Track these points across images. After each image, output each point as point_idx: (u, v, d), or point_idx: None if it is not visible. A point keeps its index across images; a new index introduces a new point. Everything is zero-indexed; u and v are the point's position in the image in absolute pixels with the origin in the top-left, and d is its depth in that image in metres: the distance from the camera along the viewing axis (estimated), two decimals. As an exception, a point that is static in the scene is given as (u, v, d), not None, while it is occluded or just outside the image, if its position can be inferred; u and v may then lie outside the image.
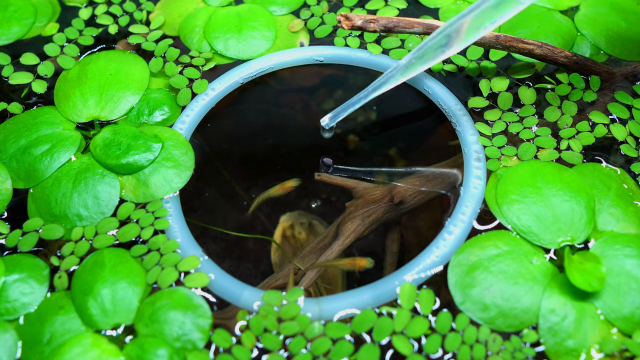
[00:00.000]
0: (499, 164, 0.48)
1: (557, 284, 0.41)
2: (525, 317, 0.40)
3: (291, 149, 0.52)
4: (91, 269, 0.43)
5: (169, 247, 0.44)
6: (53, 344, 0.40)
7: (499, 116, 0.51)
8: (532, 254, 0.43)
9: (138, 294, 0.41)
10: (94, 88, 0.52)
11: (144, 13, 0.60)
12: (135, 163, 0.47)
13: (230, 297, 0.42)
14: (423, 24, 0.49)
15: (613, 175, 0.47)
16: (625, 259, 0.42)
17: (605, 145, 0.49)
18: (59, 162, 0.48)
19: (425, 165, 0.50)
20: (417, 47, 0.45)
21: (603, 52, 0.55)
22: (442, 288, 0.42)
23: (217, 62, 0.56)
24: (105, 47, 0.57)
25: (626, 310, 0.40)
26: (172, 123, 0.51)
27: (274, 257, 0.46)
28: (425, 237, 0.45)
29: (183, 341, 0.39)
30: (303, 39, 0.57)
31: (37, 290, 0.42)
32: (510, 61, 0.55)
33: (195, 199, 0.48)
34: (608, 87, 0.52)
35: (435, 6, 0.59)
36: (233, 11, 0.59)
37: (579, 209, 0.44)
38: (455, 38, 0.43)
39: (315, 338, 0.40)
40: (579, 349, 0.39)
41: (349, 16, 0.48)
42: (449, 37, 0.43)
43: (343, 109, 0.49)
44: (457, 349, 0.39)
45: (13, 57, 0.56)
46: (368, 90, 0.47)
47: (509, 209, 0.44)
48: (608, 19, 0.56)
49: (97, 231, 0.45)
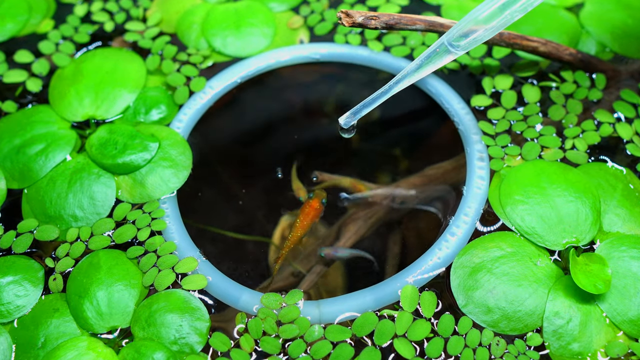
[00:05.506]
0: (503, 163, 0.47)
1: (561, 286, 0.41)
2: (530, 320, 0.40)
3: (291, 148, 0.52)
4: (87, 270, 0.42)
5: (166, 249, 0.43)
6: (48, 348, 0.39)
7: (503, 115, 0.50)
8: (536, 256, 0.42)
9: (134, 296, 0.41)
10: (90, 86, 0.51)
11: (140, 10, 0.59)
12: (132, 163, 0.46)
13: (228, 300, 0.42)
14: (425, 20, 0.48)
15: (619, 175, 0.46)
16: (631, 261, 0.41)
17: (610, 144, 0.49)
18: (54, 162, 0.47)
19: (427, 164, 0.49)
20: (442, 38, 0.43)
21: (609, 50, 0.54)
22: (445, 290, 0.42)
23: (215, 60, 0.55)
24: (101, 44, 0.57)
25: (632, 313, 0.40)
26: (169, 122, 0.51)
27: (273, 260, 0.45)
28: (428, 238, 0.44)
29: (180, 344, 0.39)
30: (303, 36, 0.57)
31: (31, 292, 0.42)
32: (514, 59, 0.54)
33: (192, 199, 0.47)
34: (614, 85, 0.52)
35: (438, 3, 0.59)
36: (231, 8, 0.58)
37: (584, 209, 0.43)
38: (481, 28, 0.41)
39: (315, 341, 0.39)
40: (584, 352, 0.39)
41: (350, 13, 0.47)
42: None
43: (364, 105, 0.44)
44: (460, 353, 0.39)
45: (7, 54, 0.56)
46: (390, 84, 0.43)
47: (513, 209, 0.44)
48: (614, 16, 0.56)
49: (92, 232, 0.44)
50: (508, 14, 0.42)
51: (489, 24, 0.42)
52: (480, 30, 0.42)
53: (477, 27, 0.42)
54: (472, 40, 0.42)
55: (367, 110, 0.44)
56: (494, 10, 0.42)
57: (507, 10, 0.42)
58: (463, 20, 0.42)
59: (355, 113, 0.44)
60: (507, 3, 0.42)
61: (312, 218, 0.45)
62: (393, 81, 0.43)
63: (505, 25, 0.42)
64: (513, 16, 0.42)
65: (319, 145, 0.52)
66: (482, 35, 0.42)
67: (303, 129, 0.53)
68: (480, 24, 0.42)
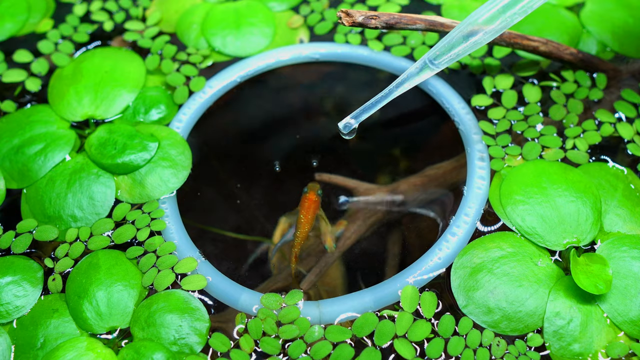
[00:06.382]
0: (503, 163, 0.47)
1: (562, 287, 0.40)
2: (530, 321, 0.40)
3: (291, 147, 0.51)
4: (86, 271, 0.42)
5: (165, 249, 0.43)
6: (47, 348, 0.39)
7: (503, 115, 0.50)
8: (537, 256, 0.42)
9: (134, 296, 0.41)
10: (89, 86, 0.51)
11: (140, 9, 0.59)
12: (131, 163, 0.46)
13: (228, 300, 0.41)
14: (425, 20, 0.48)
15: (620, 175, 0.46)
16: (632, 261, 0.41)
17: (611, 144, 0.49)
18: (53, 162, 0.47)
19: (427, 164, 0.49)
20: (443, 39, 0.43)
21: (609, 49, 0.54)
22: (445, 291, 0.41)
23: (214, 60, 0.55)
24: (100, 44, 0.57)
25: (633, 314, 0.40)
26: (168, 122, 0.50)
27: (273, 260, 0.45)
28: (428, 238, 0.44)
29: (180, 345, 0.39)
30: (303, 35, 0.57)
31: (30, 292, 0.42)
32: (515, 58, 0.54)
33: (192, 199, 0.47)
34: (614, 85, 0.52)
35: (438, 2, 0.59)
36: (231, 7, 0.58)
37: (585, 209, 0.43)
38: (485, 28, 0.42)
39: (315, 342, 0.39)
40: (585, 353, 0.39)
41: (350, 12, 0.47)
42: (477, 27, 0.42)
43: (364, 109, 0.44)
44: (460, 353, 0.39)
45: (6, 54, 0.56)
46: (390, 88, 0.44)
47: (513, 209, 0.44)
48: (615, 15, 0.55)
49: (92, 232, 0.44)
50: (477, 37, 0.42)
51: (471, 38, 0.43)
52: (459, 47, 0.43)
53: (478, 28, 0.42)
54: (451, 57, 0.43)
55: (367, 114, 0.44)
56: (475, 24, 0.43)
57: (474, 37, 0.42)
58: (447, 36, 0.43)
59: (356, 117, 0.44)
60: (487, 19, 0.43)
61: (313, 211, 0.45)
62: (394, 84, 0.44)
63: (481, 44, 0.43)
64: (482, 40, 0.42)
65: (318, 145, 0.52)
66: (461, 49, 0.43)
67: (303, 129, 0.53)
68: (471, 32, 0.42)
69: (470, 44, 0.42)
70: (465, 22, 0.43)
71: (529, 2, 0.42)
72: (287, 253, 0.45)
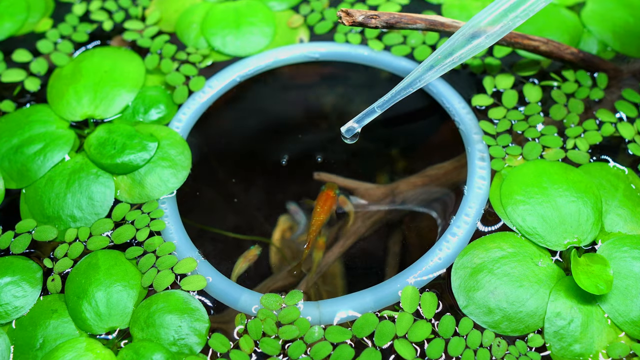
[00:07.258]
0: (504, 163, 0.47)
1: (563, 287, 0.40)
2: (531, 321, 0.40)
3: (290, 147, 0.51)
4: (85, 271, 0.42)
5: (165, 249, 0.43)
6: (46, 349, 0.39)
7: (504, 114, 0.50)
8: (537, 256, 0.42)
9: (133, 297, 0.41)
10: (88, 86, 0.51)
11: (139, 9, 0.59)
12: (131, 163, 0.46)
13: (228, 301, 0.41)
14: (426, 19, 0.48)
15: (621, 175, 0.46)
16: (633, 261, 0.41)
17: (612, 144, 0.48)
18: (52, 162, 0.47)
19: (428, 164, 0.49)
20: (445, 43, 0.43)
21: (610, 49, 0.54)
22: (445, 291, 0.41)
23: (214, 59, 0.55)
24: (100, 43, 0.56)
25: (634, 314, 0.40)
26: (168, 121, 0.50)
27: (272, 260, 0.45)
28: (428, 238, 0.44)
29: (179, 345, 0.39)
30: (303, 35, 0.56)
31: (29, 293, 0.41)
32: (515, 58, 0.54)
33: (192, 199, 0.47)
34: (615, 85, 0.52)
35: (438, 2, 0.58)
36: (231, 7, 0.58)
37: (586, 209, 0.43)
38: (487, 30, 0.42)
39: (315, 342, 0.39)
40: (586, 353, 0.39)
41: (350, 12, 0.47)
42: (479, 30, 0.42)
43: (366, 114, 0.44)
44: (461, 354, 0.39)
45: (5, 53, 0.56)
46: (393, 93, 0.44)
47: (514, 209, 0.44)
48: (615, 15, 0.55)
49: (91, 232, 0.44)
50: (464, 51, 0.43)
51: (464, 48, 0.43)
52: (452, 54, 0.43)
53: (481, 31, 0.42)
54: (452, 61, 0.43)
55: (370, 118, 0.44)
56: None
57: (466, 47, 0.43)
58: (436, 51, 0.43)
59: (359, 121, 0.44)
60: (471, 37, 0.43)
61: (330, 204, 0.45)
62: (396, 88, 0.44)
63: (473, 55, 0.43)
64: (467, 54, 0.43)
65: (318, 145, 0.51)
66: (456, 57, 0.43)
67: (303, 129, 0.53)
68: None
69: (473, 47, 0.42)
70: (468, 25, 0.43)
71: (531, 5, 0.42)
72: (285, 251, 0.45)
